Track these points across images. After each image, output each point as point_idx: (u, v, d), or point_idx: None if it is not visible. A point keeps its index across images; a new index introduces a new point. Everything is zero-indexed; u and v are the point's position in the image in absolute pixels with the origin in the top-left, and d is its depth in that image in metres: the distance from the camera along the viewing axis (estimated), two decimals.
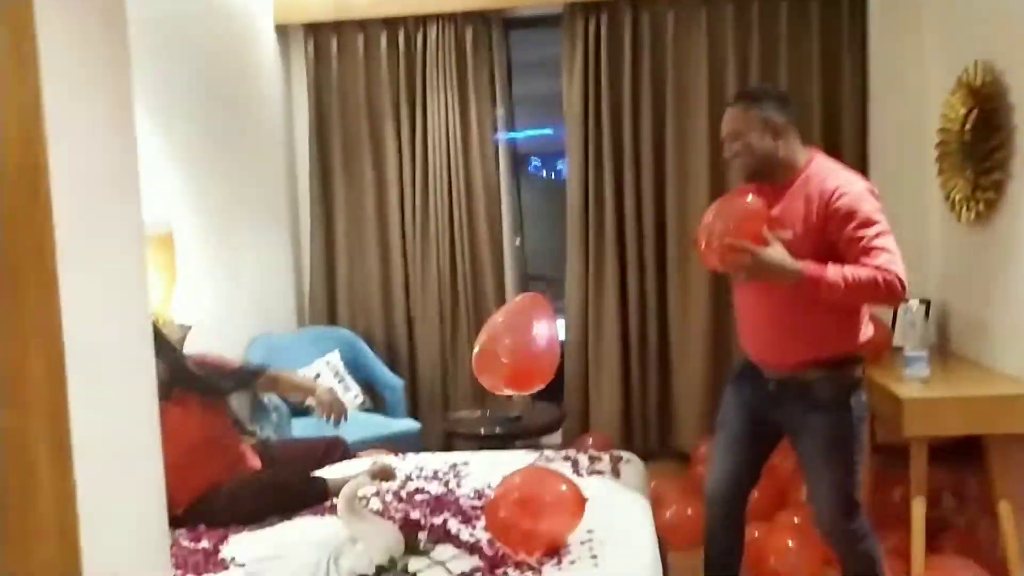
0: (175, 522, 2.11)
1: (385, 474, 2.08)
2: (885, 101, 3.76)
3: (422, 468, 2.59)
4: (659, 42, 4.05)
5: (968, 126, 3.00)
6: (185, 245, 3.34)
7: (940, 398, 2.63)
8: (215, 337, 3.50)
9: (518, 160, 4.63)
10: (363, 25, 4.25)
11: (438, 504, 2.22)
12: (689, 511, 2.80)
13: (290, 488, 2.27)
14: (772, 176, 2.12)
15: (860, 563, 2.16)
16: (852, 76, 3.90)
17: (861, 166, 3.86)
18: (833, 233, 2.00)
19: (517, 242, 4.48)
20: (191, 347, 3.22)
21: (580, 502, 1.92)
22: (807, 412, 2.08)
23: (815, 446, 2.10)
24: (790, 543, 2.69)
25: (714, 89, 3.99)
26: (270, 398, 3.65)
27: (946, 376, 2.81)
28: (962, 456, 2.94)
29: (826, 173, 2.08)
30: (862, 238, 1.96)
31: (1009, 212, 2.77)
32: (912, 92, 3.58)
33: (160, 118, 3.24)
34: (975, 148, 2.94)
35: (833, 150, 3.87)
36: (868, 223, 1.97)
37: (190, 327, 3.16)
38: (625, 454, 2.63)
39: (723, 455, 2.28)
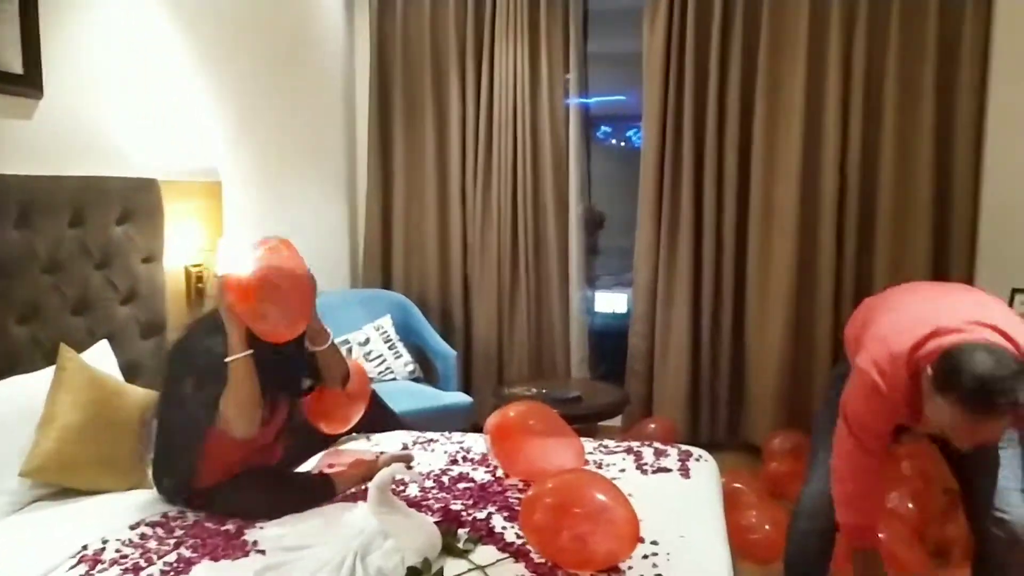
0: (196, 503, 1.94)
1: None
2: (1008, 80, 3.32)
3: (468, 450, 2.36)
4: None
5: None
6: (233, 194, 3.16)
7: None
8: None
9: (589, 124, 4.30)
10: None
11: (482, 495, 1.99)
12: (767, 526, 2.48)
13: (289, 483, 2.04)
14: None
15: None
16: (973, 42, 3.45)
17: (976, 144, 3.46)
18: None
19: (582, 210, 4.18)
20: None
21: (633, 537, 1.65)
22: None
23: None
24: None
25: (813, 48, 3.58)
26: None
27: None
28: None
29: None
30: None
31: None
32: None
33: (210, 58, 3.05)
34: None
35: (946, 132, 3.49)
36: None
37: None
38: (696, 450, 2.34)
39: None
